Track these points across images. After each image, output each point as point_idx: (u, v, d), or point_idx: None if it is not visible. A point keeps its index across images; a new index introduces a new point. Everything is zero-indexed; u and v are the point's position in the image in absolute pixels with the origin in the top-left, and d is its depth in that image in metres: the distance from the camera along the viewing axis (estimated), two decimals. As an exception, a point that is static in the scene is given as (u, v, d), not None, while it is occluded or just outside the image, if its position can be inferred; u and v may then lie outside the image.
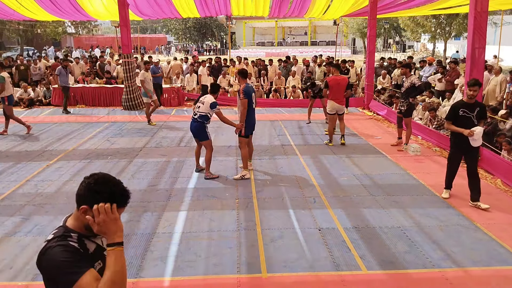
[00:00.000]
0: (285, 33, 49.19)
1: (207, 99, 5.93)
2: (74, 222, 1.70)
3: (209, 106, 5.86)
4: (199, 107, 5.95)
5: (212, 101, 5.88)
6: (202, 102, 5.98)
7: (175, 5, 12.37)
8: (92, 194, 1.62)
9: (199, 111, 5.94)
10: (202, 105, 5.92)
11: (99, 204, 1.60)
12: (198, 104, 6.02)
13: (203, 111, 5.91)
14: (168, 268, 3.82)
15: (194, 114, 6.01)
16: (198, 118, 5.93)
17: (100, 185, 1.64)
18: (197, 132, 6.04)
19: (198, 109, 5.97)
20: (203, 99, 6.00)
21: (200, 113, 5.92)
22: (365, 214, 4.98)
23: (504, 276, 3.71)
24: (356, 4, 12.34)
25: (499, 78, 9.54)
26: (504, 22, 18.69)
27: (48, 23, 32.63)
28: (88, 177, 1.68)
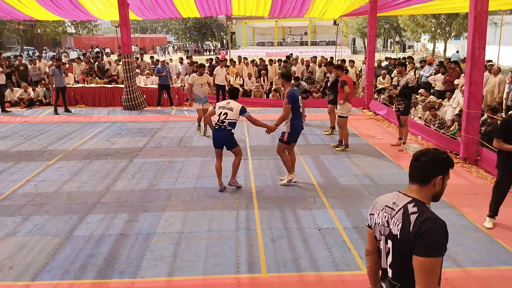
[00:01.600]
0: (285, 33, 49.18)
1: (234, 105, 5.44)
2: (422, 194, 1.92)
3: (238, 112, 5.40)
4: (226, 114, 5.38)
5: (241, 107, 5.42)
6: (229, 108, 5.41)
7: (175, 5, 12.37)
8: (443, 164, 1.89)
9: (228, 118, 5.38)
10: (231, 111, 5.38)
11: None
12: (225, 110, 5.41)
13: (232, 118, 5.40)
14: (168, 268, 3.82)
15: (220, 123, 5.41)
16: (227, 126, 5.40)
17: (446, 155, 1.91)
18: (228, 141, 5.52)
19: (225, 116, 5.38)
20: (228, 105, 5.45)
21: (229, 121, 5.39)
22: (365, 214, 4.98)
23: (504, 276, 3.71)
24: (356, 2, 12.32)
25: (497, 78, 9.53)
26: (504, 22, 18.70)
27: (48, 23, 32.66)
28: (429, 151, 1.93)
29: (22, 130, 9.40)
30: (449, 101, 10.44)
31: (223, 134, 5.43)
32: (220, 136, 5.46)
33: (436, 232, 1.77)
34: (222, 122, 5.40)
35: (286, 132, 5.69)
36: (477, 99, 6.83)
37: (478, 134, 6.98)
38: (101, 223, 4.74)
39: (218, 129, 5.45)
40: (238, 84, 13.85)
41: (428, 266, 1.74)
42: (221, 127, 5.42)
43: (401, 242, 1.83)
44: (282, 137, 5.72)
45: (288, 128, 5.67)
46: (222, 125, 5.40)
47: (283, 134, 5.71)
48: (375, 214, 2.03)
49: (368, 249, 2.12)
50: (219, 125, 5.42)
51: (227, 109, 5.42)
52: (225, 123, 5.39)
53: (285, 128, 5.72)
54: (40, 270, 3.78)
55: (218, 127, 5.44)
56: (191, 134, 9.10)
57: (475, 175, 6.39)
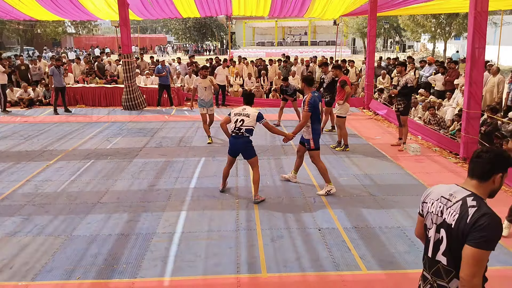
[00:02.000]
0: (285, 33, 49.19)
1: (251, 111, 5.19)
2: (481, 189, 1.98)
3: (255, 118, 5.15)
4: (243, 121, 5.12)
5: (258, 113, 5.17)
6: (245, 115, 5.15)
7: (175, 4, 12.38)
8: (504, 162, 1.96)
9: (245, 125, 5.12)
10: (247, 118, 5.12)
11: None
12: (241, 117, 5.15)
13: (249, 125, 5.14)
14: (168, 268, 3.82)
15: (237, 130, 5.16)
16: (245, 133, 5.15)
17: (507, 154, 2.00)
18: (246, 149, 5.25)
19: (242, 123, 5.13)
20: (244, 111, 5.19)
21: (247, 127, 5.14)
22: (365, 214, 4.98)
23: (504, 276, 3.71)
24: (356, 2, 12.32)
25: (496, 78, 9.53)
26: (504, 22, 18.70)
27: (48, 23, 32.67)
28: (491, 149, 2.01)
29: (22, 130, 9.41)
30: (449, 101, 10.44)
31: (240, 141, 5.20)
32: (237, 144, 5.23)
33: (492, 227, 1.84)
34: (239, 130, 5.16)
35: (310, 139, 5.44)
36: (477, 99, 6.83)
37: (478, 134, 6.98)
38: (101, 223, 4.74)
39: (235, 137, 5.22)
40: (238, 84, 13.85)
41: (478, 257, 1.83)
42: (238, 135, 5.19)
43: (455, 231, 1.92)
44: (309, 145, 5.47)
45: (310, 134, 5.43)
46: (239, 132, 5.17)
47: (308, 142, 5.46)
48: (428, 203, 2.12)
49: (416, 234, 2.32)
50: (236, 133, 5.19)
51: (243, 115, 5.17)
52: (242, 130, 5.15)
53: (307, 136, 5.47)
54: (40, 270, 3.78)
55: (235, 135, 5.20)
56: (191, 134, 9.10)
57: (475, 175, 6.39)
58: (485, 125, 7.69)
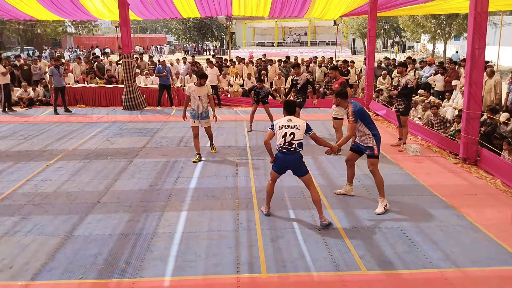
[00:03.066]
0: (285, 33, 49.19)
1: (299, 122, 4.65)
2: None
3: (305, 130, 4.64)
4: (293, 134, 4.57)
5: (306, 124, 4.67)
6: (295, 127, 4.60)
7: (175, 5, 12.38)
8: None
9: (296, 139, 4.57)
10: (297, 130, 4.59)
11: None
12: (290, 130, 4.59)
13: (300, 138, 4.60)
14: (168, 268, 3.83)
15: (288, 145, 4.57)
16: (297, 147, 4.60)
17: None
18: (298, 165, 4.67)
19: (292, 137, 4.56)
20: (291, 123, 4.63)
21: (298, 141, 4.59)
22: (365, 214, 4.98)
23: (504, 276, 3.71)
24: (356, 1, 12.33)
25: (493, 80, 9.50)
26: (504, 22, 18.72)
27: (48, 23, 32.67)
28: None
29: (22, 130, 9.41)
30: (449, 101, 10.45)
31: (292, 158, 4.62)
32: (289, 160, 4.63)
33: None
34: (290, 144, 4.57)
35: (373, 145, 5.06)
36: (477, 99, 6.83)
37: (478, 135, 6.98)
38: (101, 223, 4.74)
39: (286, 153, 4.60)
40: (238, 84, 13.85)
41: None
42: (290, 150, 4.59)
43: None
44: (372, 152, 5.06)
45: (374, 141, 5.06)
46: (291, 147, 4.58)
47: (372, 149, 5.06)
48: None
49: None
50: (288, 148, 4.59)
51: (292, 128, 4.61)
52: (294, 144, 4.57)
53: (369, 143, 5.08)
54: (40, 270, 3.78)
55: (287, 150, 4.59)
56: (191, 134, 9.08)
57: (474, 176, 6.40)
58: (484, 126, 7.70)
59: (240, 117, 10.97)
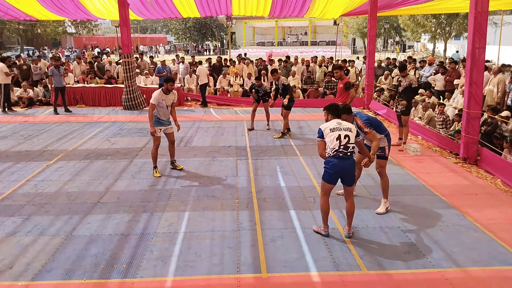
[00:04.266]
0: (285, 33, 49.19)
1: (350, 125, 4.34)
2: None
3: (356, 134, 4.34)
4: (348, 137, 4.20)
5: (355, 128, 4.41)
6: (348, 129, 4.25)
7: (175, 4, 12.38)
8: None
9: (351, 143, 4.22)
10: (351, 133, 4.24)
11: None
12: (344, 133, 4.21)
13: (354, 142, 4.27)
14: (168, 268, 3.82)
15: (345, 149, 4.18)
16: (353, 151, 4.27)
17: None
18: (352, 173, 4.34)
19: (348, 140, 4.20)
20: (342, 125, 4.27)
21: (353, 145, 4.26)
22: (365, 214, 4.98)
23: (504, 276, 3.71)
24: (356, 1, 12.32)
25: (496, 78, 9.52)
26: (504, 22, 18.71)
27: (48, 22, 32.66)
28: None
29: (22, 130, 9.40)
30: (449, 101, 10.44)
31: (349, 163, 4.24)
32: (346, 166, 4.22)
33: None
34: (346, 148, 4.19)
35: (385, 146, 5.03)
36: (477, 99, 6.82)
37: (478, 134, 6.98)
38: (101, 223, 4.74)
39: (342, 158, 4.20)
40: (238, 84, 13.84)
41: None
42: (347, 155, 4.21)
43: None
44: (383, 153, 5.01)
45: (386, 142, 5.04)
46: (347, 151, 4.20)
47: (383, 150, 5.01)
48: None
49: None
50: (344, 152, 4.19)
51: (345, 130, 4.24)
52: (350, 148, 4.22)
53: (382, 143, 5.01)
54: (40, 270, 3.77)
55: (344, 155, 4.19)
56: (191, 134, 9.10)
57: (475, 175, 6.39)
58: (485, 125, 7.69)
59: (240, 117, 10.97)
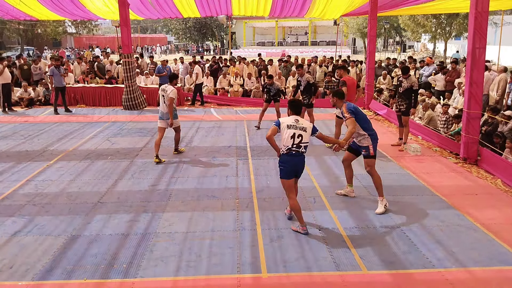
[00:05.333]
0: (286, 33, 49.18)
1: (306, 124, 4.53)
2: None
3: (311, 132, 4.55)
4: (302, 136, 4.44)
5: (312, 125, 4.58)
6: (302, 129, 4.45)
7: (176, 4, 12.38)
8: None
9: (303, 141, 4.45)
10: (305, 133, 4.46)
11: None
12: (298, 132, 4.43)
13: (307, 141, 4.50)
14: (168, 268, 3.82)
15: (297, 147, 4.43)
16: (304, 150, 4.52)
17: None
18: (303, 168, 4.61)
19: (301, 139, 4.43)
20: (298, 124, 4.48)
21: (305, 144, 4.48)
22: (365, 214, 4.98)
23: (504, 276, 3.71)
24: (356, 2, 12.32)
25: (499, 77, 9.53)
26: (504, 22, 18.70)
27: (48, 22, 32.66)
28: None
29: (22, 130, 9.41)
30: (449, 101, 10.43)
31: (300, 160, 4.52)
32: (298, 162, 4.50)
33: None
34: (299, 147, 4.45)
35: (369, 145, 5.08)
36: (477, 99, 6.82)
37: (479, 134, 6.98)
38: (101, 223, 4.74)
39: (294, 155, 4.46)
40: (238, 84, 13.84)
41: None
42: (298, 152, 4.47)
43: None
44: (368, 152, 5.10)
45: (370, 141, 5.08)
46: (299, 150, 4.46)
47: (367, 149, 5.09)
48: None
49: None
50: (296, 150, 4.45)
51: (300, 129, 4.46)
52: (302, 147, 4.47)
53: (365, 142, 5.10)
54: (40, 270, 3.78)
55: (296, 152, 4.45)
56: (191, 134, 9.10)
57: (475, 175, 6.39)
58: (486, 125, 7.69)
59: (240, 117, 10.97)
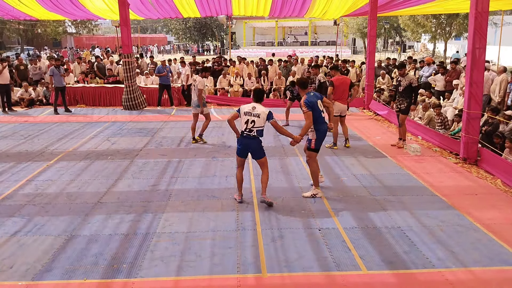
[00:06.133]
0: (285, 33, 49.19)
1: (261, 110, 5.01)
2: None
3: (265, 118, 4.99)
4: (254, 121, 4.97)
5: (268, 111, 5.02)
6: (256, 115, 4.97)
7: (176, 4, 12.38)
8: None
9: (256, 126, 4.98)
10: (258, 118, 4.97)
11: None
12: (252, 118, 4.98)
13: (260, 126, 5.01)
14: (168, 268, 3.82)
15: (248, 131, 5.00)
16: (257, 135, 5.03)
17: None
18: (256, 150, 5.14)
19: (253, 124, 4.98)
20: (254, 110, 5.00)
21: (258, 129, 5.00)
22: (365, 214, 4.98)
23: (504, 276, 3.71)
24: (357, 2, 12.33)
25: (500, 78, 9.54)
26: (504, 22, 18.70)
27: (48, 22, 32.65)
28: None
29: (22, 130, 9.41)
30: (449, 101, 10.44)
31: (251, 142, 5.06)
32: (248, 144, 5.08)
33: None
34: (250, 131, 5.00)
35: (313, 139, 5.41)
36: (477, 99, 6.82)
37: (479, 134, 6.98)
38: (101, 223, 4.74)
39: (246, 137, 5.05)
40: (238, 84, 13.84)
41: None
42: (249, 135, 5.03)
43: None
44: (310, 144, 5.45)
45: (315, 135, 5.40)
46: (251, 134, 5.01)
47: (310, 142, 5.44)
48: None
49: None
50: (248, 134, 5.03)
51: (253, 115, 4.98)
52: (253, 131, 4.99)
53: (310, 136, 5.44)
54: (40, 270, 3.78)
55: (247, 135, 5.04)
56: (191, 134, 9.08)
57: (475, 175, 6.39)
58: (486, 125, 7.69)
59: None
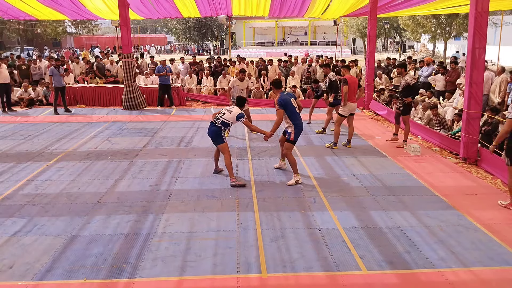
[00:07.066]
0: (285, 33, 49.19)
1: (235, 110, 5.96)
2: None
3: (235, 116, 5.87)
4: (224, 113, 5.92)
5: (239, 112, 5.91)
6: (229, 111, 5.97)
7: (176, 4, 12.38)
8: None
9: (223, 117, 5.89)
10: (229, 113, 5.92)
11: None
12: (224, 111, 5.97)
13: (227, 119, 5.89)
14: (168, 268, 3.83)
15: (216, 119, 5.93)
16: (219, 124, 5.89)
17: None
18: (214, 136, 5.96)
19: (222, 115, 5.91)
20: (230, 108, 6.02)
21: (223, 120, 5.89)
22: (365, 214, 4.98)
23: (504, 276, 3.71)
24: (356, 3, 12.34)
25: (500, 78, 9.55)
26: (504, 22, 18.71)
27: (48, 22, 32.63)
28: None
29: (22, 130, 9.40)
30: (449, 101, 10.43)
31: (212, 129, 5.94)
32: (209, 130, 6.00)
33: None
34: (217, 119, 5.92)
35: (292, 132, 5.92)
36: (477, 99, 6.82)
37: (478, 134, 6.98)
38: (101, 223, 4.74)
39: (210, 125, 5.99)
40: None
41: None
42: (213, 123, 5.94)
43: None
44: (289, 136, 5.96)
45: (293, 129, 5.92)
46: (216, 122, 5.91)
47: (289, 134, 5.95)
48: None
49: None
50: (214, 122, 5.93)
51: (227, 110, 5.98)
52: (219, 120, 5.90)
53: (290, 129, 5.96)
54: (40, 270, 3.78)
55: (211, 123, 5.97)
56: (191, 134, 9.10)
57: (475, 175, 6.40)
58: (485, 125, 7.69)
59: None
